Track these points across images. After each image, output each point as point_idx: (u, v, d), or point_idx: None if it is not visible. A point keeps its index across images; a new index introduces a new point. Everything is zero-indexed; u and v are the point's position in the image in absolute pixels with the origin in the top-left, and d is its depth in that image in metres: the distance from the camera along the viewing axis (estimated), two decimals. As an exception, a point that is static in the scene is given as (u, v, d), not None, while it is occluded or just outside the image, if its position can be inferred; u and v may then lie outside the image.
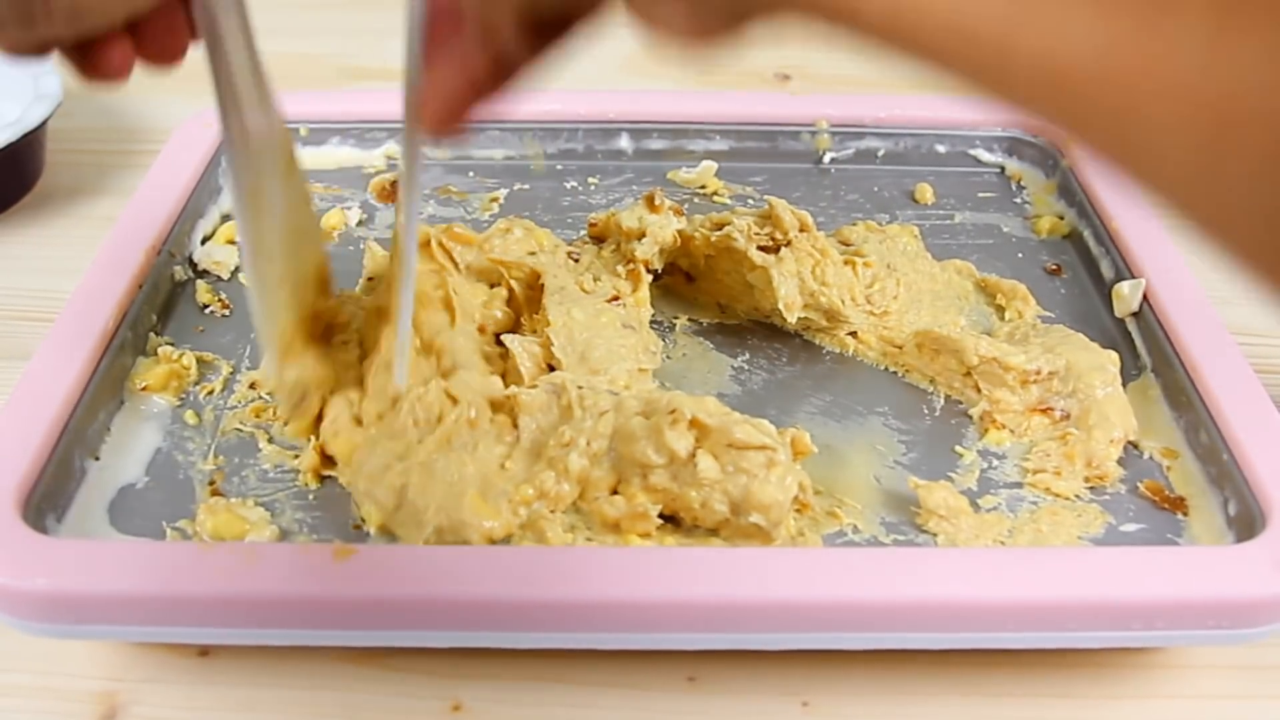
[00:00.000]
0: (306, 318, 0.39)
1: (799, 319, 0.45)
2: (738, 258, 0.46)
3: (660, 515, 0.38)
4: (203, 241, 0.51)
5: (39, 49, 0.26)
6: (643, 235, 0.47)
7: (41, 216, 0.57)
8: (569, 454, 0.38)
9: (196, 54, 0.30)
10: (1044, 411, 0.42)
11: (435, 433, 0.38)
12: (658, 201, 0.48)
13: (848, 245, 0.50)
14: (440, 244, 0.45)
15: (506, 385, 0.41)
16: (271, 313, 0.37)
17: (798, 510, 0.38)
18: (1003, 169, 0.58)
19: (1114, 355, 0.43)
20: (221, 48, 0.30)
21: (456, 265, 0.46)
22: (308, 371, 0.39)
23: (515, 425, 0.39)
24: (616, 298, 0.45)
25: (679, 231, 0.48)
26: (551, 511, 0.38)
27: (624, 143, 0.58)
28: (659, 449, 0.37)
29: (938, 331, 0.44)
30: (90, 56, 0.28)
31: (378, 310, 0.41)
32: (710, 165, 0.57)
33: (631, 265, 0.47)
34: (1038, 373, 0.42)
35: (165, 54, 0.29)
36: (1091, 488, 0.40)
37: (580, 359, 0.42)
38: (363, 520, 0.38)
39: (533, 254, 0.47)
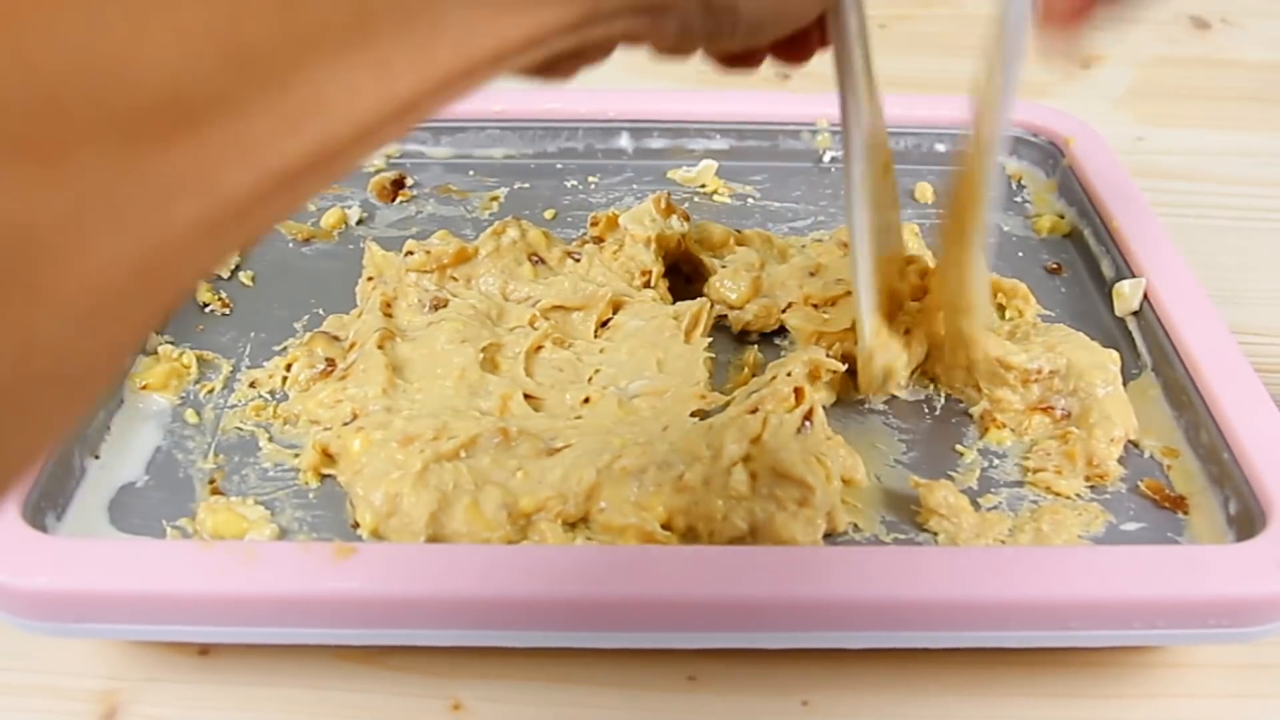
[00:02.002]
0: (888, 304, 0.42)
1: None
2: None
3: (673, 530, 0.38)
4: (203, 240, 0.51)
5: (692, 52, 0.27)
6: (649, 241, 0.47)
7: (41, 215, 0.57)
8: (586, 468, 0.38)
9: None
10: (1045, 410, 0.42)
11: (445, 444, 0.38)
12: (664, 205, 0.49)
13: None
14: None
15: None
16: (869, 299, 0.40)
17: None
18: (1003, 168, 0.58)
19: (1114, 354, 0.43)
20: (849, 55, 0.35)
21: None
22: (892, 358, 0.41)
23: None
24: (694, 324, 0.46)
25: (683, 235, 0.49)
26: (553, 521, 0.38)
27: (624, 142, 0.58)
28: (710, 443, 0.38)
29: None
30: (736, 57, 0.30)
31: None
32: (710, 164, 0.57)
33: (647, 277, 0.47)
34: (1039, 371, 0.42)
35: (796, 57, 0.32)
36: (1092, 486, 0.40)
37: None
38: (357, 524, 0.38)
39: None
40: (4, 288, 0.13)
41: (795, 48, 0.32)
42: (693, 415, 0.41)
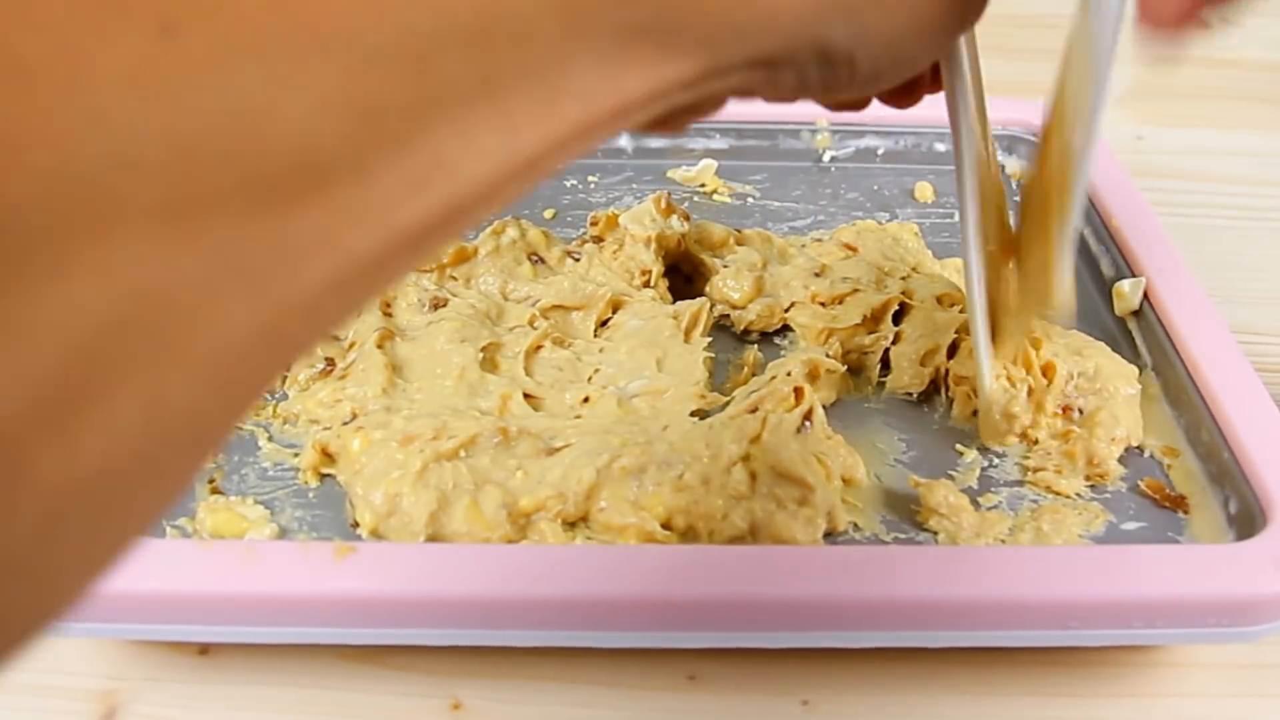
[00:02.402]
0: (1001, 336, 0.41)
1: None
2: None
3: (672, 530, 0.38)
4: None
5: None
6: (649, 241, 0.47)
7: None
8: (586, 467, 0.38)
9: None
10: (1065, 412, 0.42)
11: (445, 443, 0.38)
12: (664, 204, 0.49)
13: (851, 248, 0.50)
14: None
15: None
16: (987, 345, 0.39)
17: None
18: (1003, 168, 0.58)
19: (1135, 370, 0.43)
20: (963, 100, 0.35)
21: None
22: (1011, 398, 0.40)
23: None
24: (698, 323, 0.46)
25: (683, 235, 0.49)
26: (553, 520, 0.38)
27: (624, 141, 0.58)
28: (710, 442, 0.38)
29: None
30: (845, 101, 0.30)
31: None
32: (710, 164, 0.57)
33: (646, 276, 0.47)
34: (1070, 376, 0.42)
35: (906, 103, 0.33)
36: (1092, 486, 0.40)
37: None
38: (356, 523, 0.38)
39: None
40: (139, 353, 0.13)
41: (906, 92, 0.32)
42: (692, 415, 0.41)
